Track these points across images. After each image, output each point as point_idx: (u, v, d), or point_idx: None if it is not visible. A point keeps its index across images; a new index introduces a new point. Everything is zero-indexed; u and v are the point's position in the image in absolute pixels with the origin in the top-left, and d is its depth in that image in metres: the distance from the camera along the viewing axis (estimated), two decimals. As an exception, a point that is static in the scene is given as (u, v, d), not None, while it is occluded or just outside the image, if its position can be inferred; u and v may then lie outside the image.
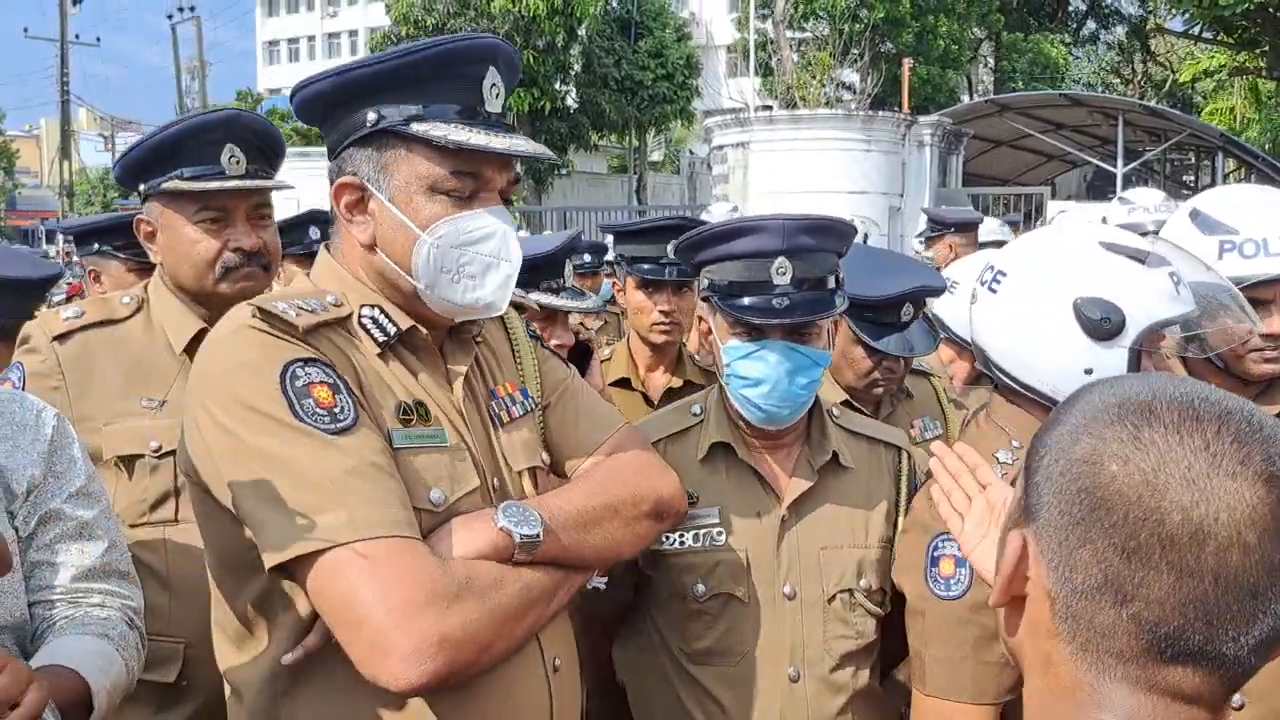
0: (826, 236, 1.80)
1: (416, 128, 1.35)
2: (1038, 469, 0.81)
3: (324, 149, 1.49)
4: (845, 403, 2.49)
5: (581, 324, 3.24)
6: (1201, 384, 0.79)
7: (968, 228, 5.01)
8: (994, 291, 1.76)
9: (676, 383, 2.87)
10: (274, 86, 54.89)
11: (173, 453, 1.99)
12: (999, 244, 4.31)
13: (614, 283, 3.28)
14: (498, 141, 1.37)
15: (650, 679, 1.89)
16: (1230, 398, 0.77)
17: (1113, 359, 1.63)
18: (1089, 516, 0.75)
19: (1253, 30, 20.18)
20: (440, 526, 1.32)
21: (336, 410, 1.28)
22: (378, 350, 1.41)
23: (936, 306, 3.07)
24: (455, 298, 1.41)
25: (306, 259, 3.32)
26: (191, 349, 2.05)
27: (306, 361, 1.30)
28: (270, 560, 1.23)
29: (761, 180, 13.97)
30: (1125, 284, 1.64)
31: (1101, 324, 1.63)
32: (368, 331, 1.41)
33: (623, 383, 2.91)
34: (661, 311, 2.79)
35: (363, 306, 1.42)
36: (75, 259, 4.83)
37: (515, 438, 1.53)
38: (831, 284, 1.80)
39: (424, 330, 1.44)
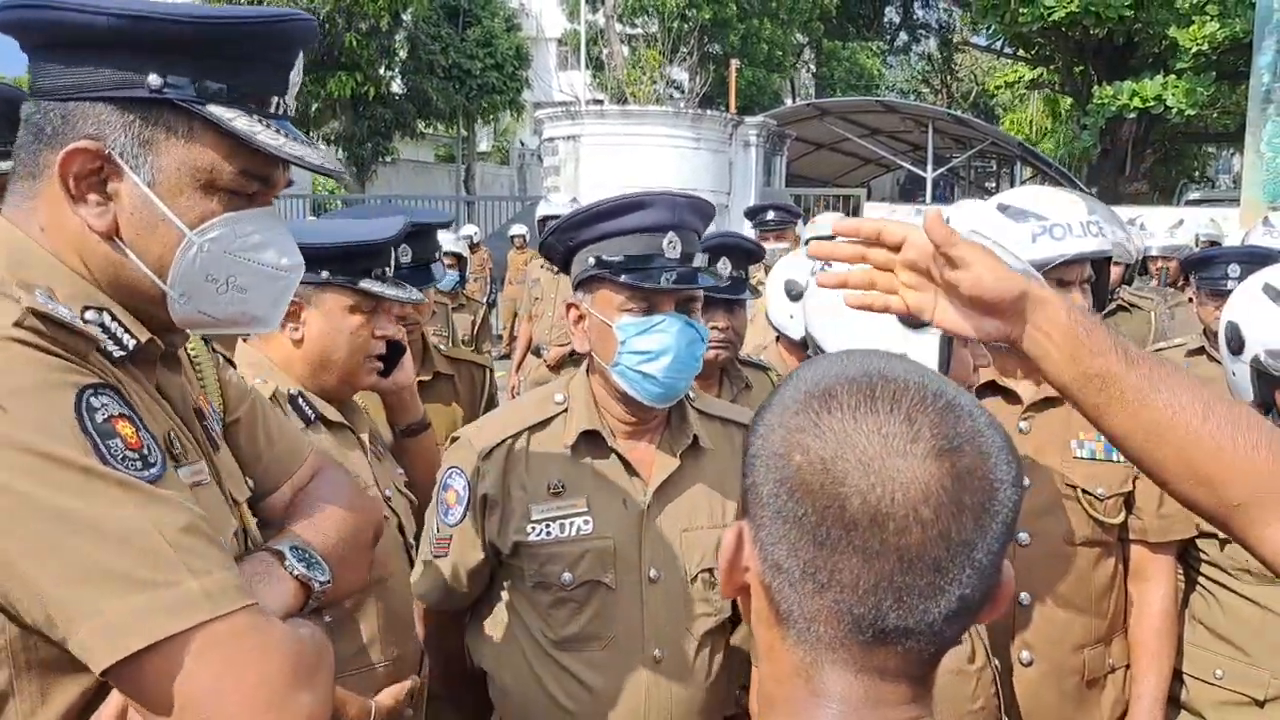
0: (700, 215, 1.86)
1: (216, 111, 1.10)
2: (746, 458, 0.81)
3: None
4: None
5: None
6: (896, 360, 0.80)
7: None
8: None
9: (426, 376, 2.80)
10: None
11: None
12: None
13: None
14: (313, 154, 1.16)
15: (510, 665, 1.87)
16: (915, 373, 0.78)
17: (925, 343, 1.74)
18: (784, 508, 0.76)
19: (1048, 48, 21.67)
20: None
21: (145, 452, 1.01)
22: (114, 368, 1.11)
23: (768, 310, 3.29)
24: (217, 311, 1.16)
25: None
26: None
27: (97, 389, 1.01)
28: (106, 658, 0.94)
29: (593, 173, 13.99)
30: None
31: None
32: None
33: None
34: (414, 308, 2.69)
35: (86, 309, 1.10)
36: None
37: (228, 463, 1.29)
38: (700, 261, 1.84)
39: (160, 342, 1.17)
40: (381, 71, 24.96)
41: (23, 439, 0.95)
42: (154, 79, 1.09)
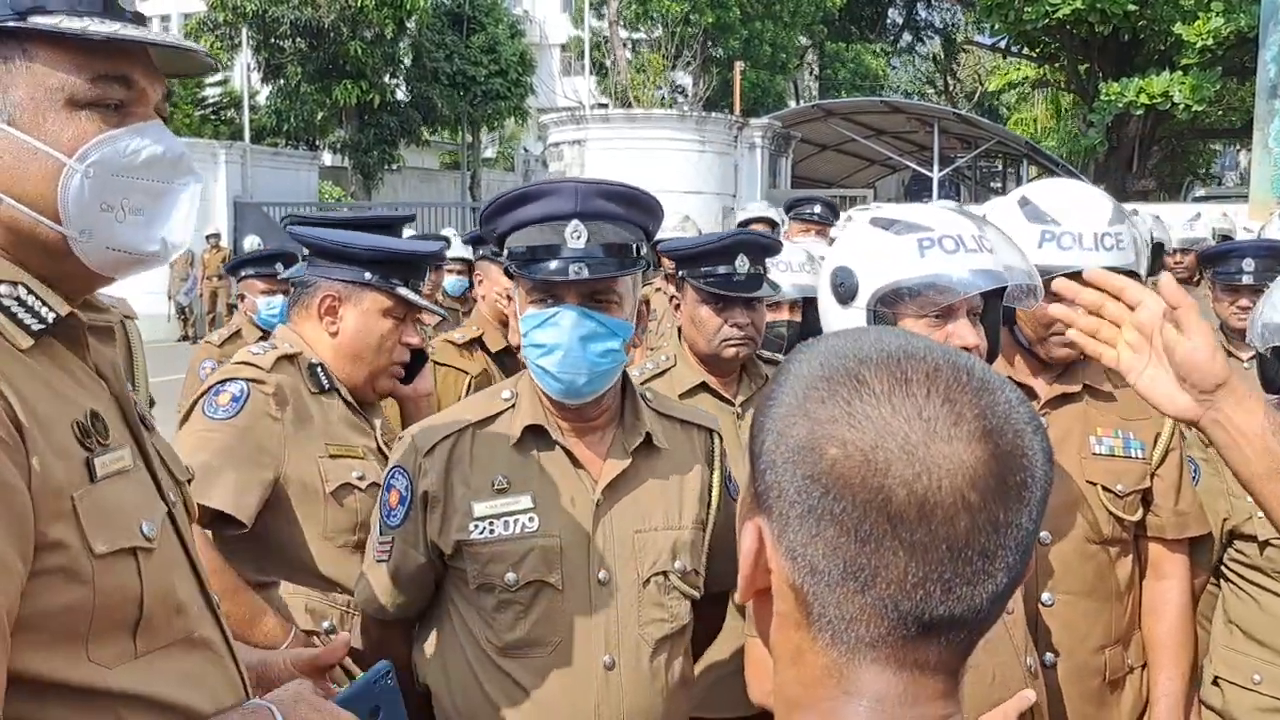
0: (628, 205, 1.78)
1: (39, 21, 1.02)
2: (761, 453, 0.76)
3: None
4: (702, 384, 2.58)
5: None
6: (906, 335, 0.77)
7: None
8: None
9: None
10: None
11: None
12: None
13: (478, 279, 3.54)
14: (156, 34, 1.09)
15: (455, 675, 1.80)
16: (937, 349, 0.74)
17: (857, 321, 1.76)
18: (819, 505, 0.71)
19: (1053, 46, 21.64)
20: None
21: None
22: (26, 344, 1.04)
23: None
24: (123, 242, 1.09)
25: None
26: None
27: None
28: None
29: (598, 177, 14.02)
30: (865, 250, 1.78)
31: (840, 289, 1.78)
32: (14, 318, 1.04)
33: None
34: None
35: None
36: None
37: (163, 444, 1.25)
38: (634, 253, 1.77)
39: (82, 315, 1.11)
40: (386, 79, 25.04)
41: None
42: None
